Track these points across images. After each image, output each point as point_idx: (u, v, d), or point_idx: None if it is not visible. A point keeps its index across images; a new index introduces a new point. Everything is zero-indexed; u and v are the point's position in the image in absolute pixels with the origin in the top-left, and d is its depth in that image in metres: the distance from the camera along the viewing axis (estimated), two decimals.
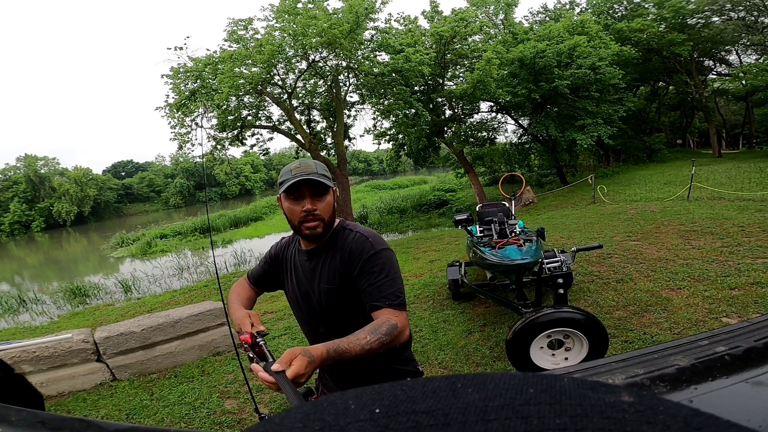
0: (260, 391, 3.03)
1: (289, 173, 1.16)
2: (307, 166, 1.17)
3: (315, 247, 1.26)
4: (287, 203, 1.19)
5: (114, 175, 59.22)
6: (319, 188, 1.17)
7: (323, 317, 1.26)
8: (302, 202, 1.16)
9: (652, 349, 0.54)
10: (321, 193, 1.18)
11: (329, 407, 0.19)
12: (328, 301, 1.23)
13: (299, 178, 1.13)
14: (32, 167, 46.62)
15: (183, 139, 11.74)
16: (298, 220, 1.18)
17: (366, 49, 11.92)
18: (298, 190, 1.16)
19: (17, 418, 0.37)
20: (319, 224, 1.18)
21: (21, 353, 3.07)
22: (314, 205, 1.16)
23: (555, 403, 0.17)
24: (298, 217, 1.18)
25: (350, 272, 1.19)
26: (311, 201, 1.16)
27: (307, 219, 1.17)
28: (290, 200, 1.18)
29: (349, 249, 1.20)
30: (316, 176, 1.14)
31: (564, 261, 3.76)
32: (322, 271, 1.23)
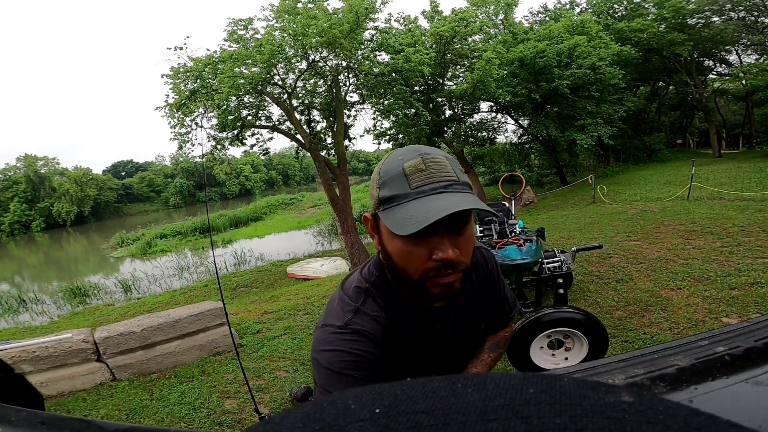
0: (260, 391, 3.03)
1: (405, 182, 0.65)
2: (441, 168, 0.65)
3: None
4: (399, 242, 0.66)
5: (114, 175, 59.27)
6: (464, 217, 0.66)
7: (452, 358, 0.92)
8: (432, 242, 0.65)
9: (652, 349, 0.54)
10: (464, 223, 0.67)
11: (329, 407, 0.18)
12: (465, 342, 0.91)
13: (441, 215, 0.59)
14: (32, 167, 46.64)
15: (183, 139, 11.74)
16: (421, 274, 0.67)
17: (366, 49, 11.92)
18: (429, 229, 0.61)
19: (17, 418, 0.37)
20: (459, 278, 0.68)
21: (21, 353, 3.07)
22: (456, 246, 0.65)
23: (555, 403, 0.17)
24: (422, 268, 0.67)
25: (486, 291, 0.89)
26: (451, 241, 0.65)
27: (441, 273, 0.66)
28: (406, 239, 0.65)
29: (482, 267, 0.88)
30: (461, 192, 0.64)
31: (564, 261, 3.76)
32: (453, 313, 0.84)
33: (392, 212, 0.64)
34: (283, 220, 23.43)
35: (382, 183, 0.67)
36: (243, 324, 4.43)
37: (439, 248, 0.64)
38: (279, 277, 9.10)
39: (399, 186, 0.64)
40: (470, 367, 0.94)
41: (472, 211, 0.65)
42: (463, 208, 0.60)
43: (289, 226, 20.67)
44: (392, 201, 0.65)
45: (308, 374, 3.17)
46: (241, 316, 4.82)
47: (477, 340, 0.94)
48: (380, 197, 0.67)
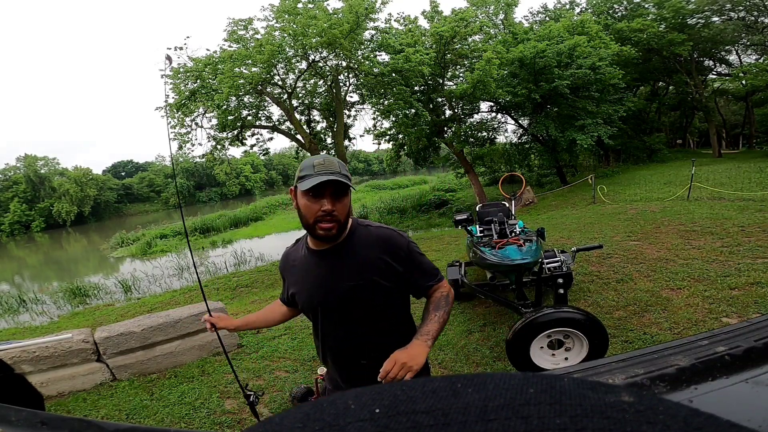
0: (260, 392, 3.03)
1: (311, 168, 1.11)
2: (331, 164, 1.12)
3: (331, 247, 1.21)
4: (304, 200, 1.13)
5: (114, 175, 59.26)
6: (341, 189, 1.13)
7: (342, 317, 1.23)
8: (321, 201, 1.11)
9: (652, 349, 0.54)
10: (341, 194, 1.14)
11: (329, 407, 0.18)
12: (358, 296, 1.20)
13: (324, 179, 1.08)
14: (32, 167, 46.66)
15: (183, 139, 11.74)
16: (314, 219, 1.13)
17: (366, 49, 11.92)
18: (320, 188, 1.11)
19: (17, 418, 0.37)
20: (335, 226, 1.14)
21: (21, 353, 3.07)
22: (333, 205, 1.12)
23: (555, 403, 0.17)
24: (314, 215, 1.13)
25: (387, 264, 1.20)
26: (331, 201, 1.12)
27: (324, 219, 1.12)
28: (308, 197, 1.12)
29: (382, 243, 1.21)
30: (339, 176, 1.10)
31: (564, 261, 3.76)
32: (346, 268, 1.20)
33: (303, 181, 1.12)
34: (283, 220, 23.43)
35: (301, 169, 1.15)
36: None
37: (324, 204, 1.12)
38: (279, 277, 9.10)
39: (309, 170, 1.12)
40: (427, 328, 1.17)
41: (349, 188, 1.14)
42: (333, 179, 1.09)
43: (289, 226, 20.65)
44: (304, 178, 1.12)
45: (308, 374, 3.17)
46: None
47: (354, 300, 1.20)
48: (299, 176, 1.14)
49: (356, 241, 1.21)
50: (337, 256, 1.21)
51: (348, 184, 1.12)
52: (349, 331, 1.23)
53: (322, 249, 1.22)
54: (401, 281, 1.24)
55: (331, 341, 1.27)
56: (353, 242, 1.21)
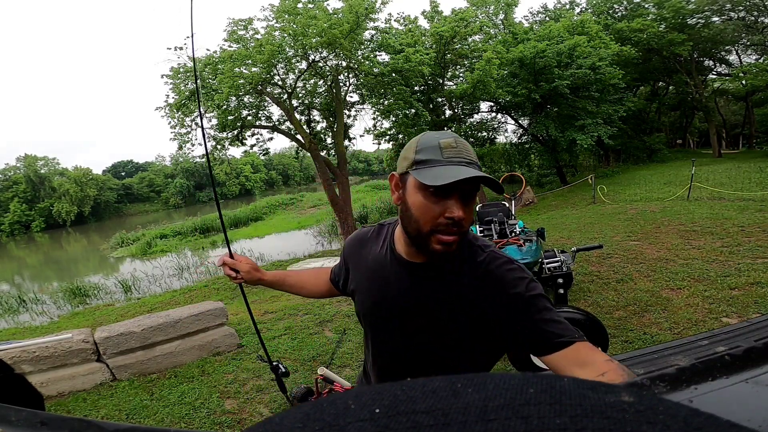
0: (260, 392, 3.03)
1: (437, 151, 0.79)
2: (465, 148, 0.81)
3: (429, 263, 0.88)
4: (421, 196, 0.79)
5: (114, 175, 59.27)
6: (474, 190, 0.81)
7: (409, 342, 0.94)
8: (447, 203, 0.78)
9: (652, 349, 0.54)
10: (473, 196, 0.82)
11: (329, 407, 0.18)
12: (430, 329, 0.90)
13: (465, 175, 0.74)
14: (32, 167, 46.66)
15: (183, 139, 11.75)
16: (431, 227, 0.79)
17: (366, 49, 11.92)
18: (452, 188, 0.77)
19: (17, 418, 0.37)
20: (457, 240, 0.81)
21: (21, 353, 3.07)
22: (464, 213, 0.79)
23: (555, 403, 0.17)
24: (433, 221, 0.79)
25: (494, 308, 0.83)
26: (461, 205, 0.78)
27: (447, 230, 0.79)
28: (429, 194, 0.78)
29: (501, 285, 0.84)
30: (478, 169, 0.79)
31: (564, 261, 3.76)
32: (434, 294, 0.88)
33: (424, 171, 0.78)
34: (283, 220, 23.44)
35: (419, 150, 0.81)
36: (243, 324, 4.43)
37: (452, 208, 0.78)
38: None
39: (433, 153, 0.79)
40: None
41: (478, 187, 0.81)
42: (481, 175, 0.76)
43: (289, 226, 20.66)
44: (426, 163, 0.79)
45: (308, 374, 3.17)
46: (242, 316, 4.82)
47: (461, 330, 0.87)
48: (416, 159, 0.80)
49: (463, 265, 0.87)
50: (432, 276, 0.89)
51: (488, 179, 0.78)
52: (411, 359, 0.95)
53: (417, 262, 0.90)
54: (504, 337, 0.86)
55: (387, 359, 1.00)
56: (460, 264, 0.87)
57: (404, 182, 0.84)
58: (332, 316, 4.34)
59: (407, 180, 0.83)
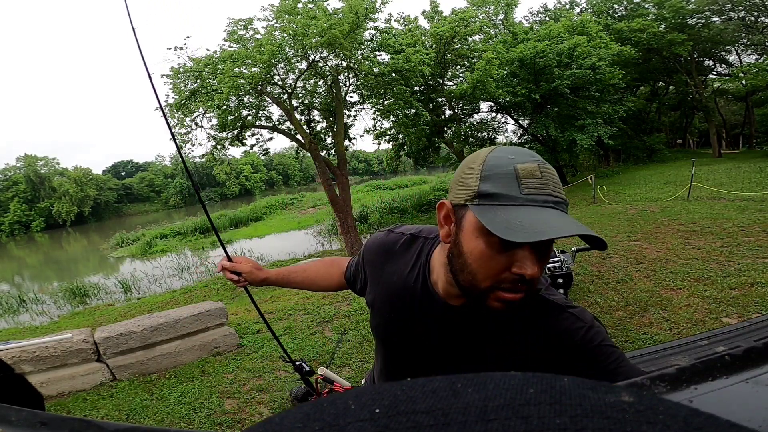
0: (260, 392, 3.03)
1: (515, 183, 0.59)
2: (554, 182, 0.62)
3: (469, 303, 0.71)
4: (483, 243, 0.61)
5: (114, 175, 59.28)
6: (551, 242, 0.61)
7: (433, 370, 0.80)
8: (517, 255, 0.60)
9: (652, 349, 0.54)
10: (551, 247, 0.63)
11: (329, 407, 0.18)
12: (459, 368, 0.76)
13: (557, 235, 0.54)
14: (32, 167, 46.67)
15: (183, 139, 11.75)
16: (492, 282, 0.62)
17: (366, 49, 11.92)
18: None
19: (17, 418, 0.37)
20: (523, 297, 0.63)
21: (21, 353, 3.07)
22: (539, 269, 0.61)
23: (555, 403, 0.17)
24: (496, 277, 0.62)
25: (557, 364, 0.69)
26: (537, 261, 0.61)
27: (513, 287, 0.62)
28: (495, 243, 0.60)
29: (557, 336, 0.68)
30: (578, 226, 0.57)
31: (564, 261, 3.75)
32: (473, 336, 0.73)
33: (493, 211, 0.58)
34: (283, 220, 23.44)
35: (485, 176, 0.60)
36: (243, 324, 4.43)
37: (524, 263, 0.60)
38: None
39: (507, 186, 0.59)
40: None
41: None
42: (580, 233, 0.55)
43: (289, 226, 20.66)
44: (495, 199, 0.59)
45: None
46: (242, 316, 4.82)
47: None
48: (480, 190, 0.60)
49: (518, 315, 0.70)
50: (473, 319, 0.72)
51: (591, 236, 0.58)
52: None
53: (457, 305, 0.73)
54: None
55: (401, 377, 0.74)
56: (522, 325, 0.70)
57: (460, 217, 0.64)
58: (332, 316, 4.34)
59: (464, 216, 0.63)
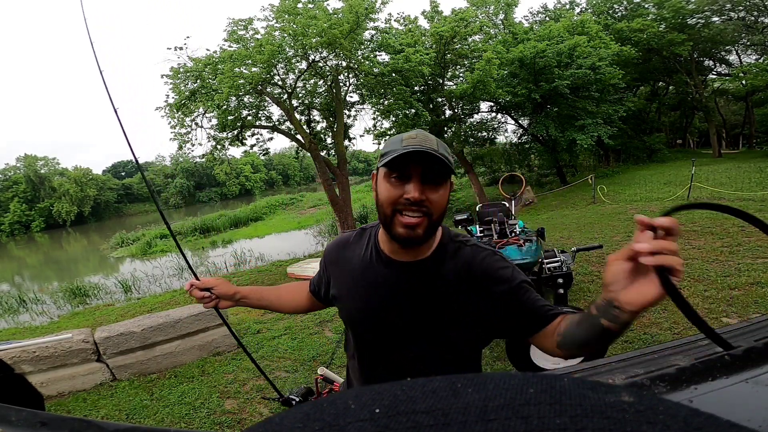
0: (260, 392, 3.03)
1: (399, 143, 0.83)
2: (426, 138, 0.84)
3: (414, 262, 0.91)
4: (386, 182, 0.84)
5: (114, 175, 59.28)
6: (436, 172, 0.83)
7: (402, 344, 0.94)
8: (407, 187, 0.82)
9: (652, 349, 0.54)
10: (437, 180, 0.83)
11: (329, 407, 0.19)
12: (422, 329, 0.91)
13: (412, 149, 0.79)
14: (32, 167, 46.66)
15: (183, 139, 11.75)
16: (392, 208, 0.83)
17: (366, 49, 11.93)
18: (406, 168, 0.82)
19: (17, 418, 0.37)
20: (423, 221, 0.82)
21: (21, 353, 3.07)
22: (423, 193, 0.81)
23: (555, 403, 0.17)
24: (394, 203, 0.83)
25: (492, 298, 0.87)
26: (420, 187, 0.81)
27: (407, 208, 0.82)
28: (391, 179, 0.83)
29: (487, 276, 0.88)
30: (436, 153, 0.80)
31: (564, 261, 3.75)
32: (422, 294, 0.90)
33: (384, 158, 0.84)
34: (283, 220, 23.44)
35: (385, 146, 0.89)
36: (243, 324, 4.43)
37: (410, 190, 0.82)
38: (279, 277, 9.09)
39: (395, 145, 0.84)
40: None
41: (447, 172, 0.84)
42: (420, 148, 0.80)
43: (289, 226, 20.66)
44: (387, 154, 0.84)
45: (308, 374, 3.17)
46: (242, 316, 4.82)
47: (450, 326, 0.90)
48: (381, 153, 0.88)
49: (447, 262, 0.90)
50: (418, 276, 0.90)
51: (448, 167, 0.82)
52: (406, 361, 0.94)
53: (403, 261, 0.92)
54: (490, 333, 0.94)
55: (381, 369, 0.98)
56: (444, 262, 0.90)
57: (376, 177, 0.90)
58: (332, 316, 4.34)
59: (378, 174, 0.89)
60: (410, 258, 0.91)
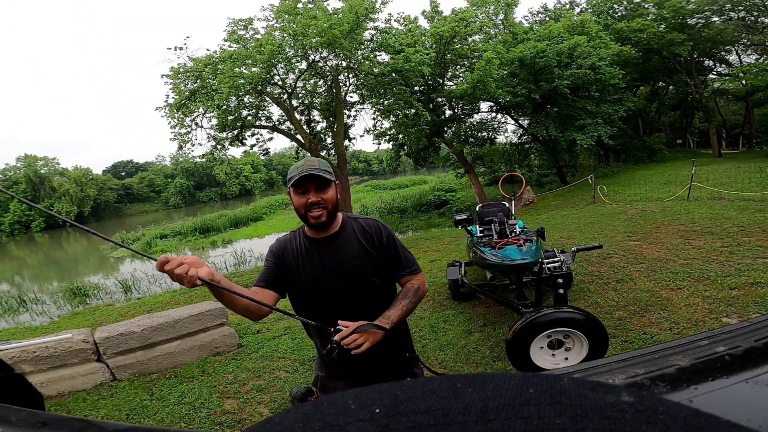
0: (260, 392, 3.03)
1: (296, 170, 1.33)
2: (311, 163, 1.35)
3: (327, 236, 1.43)
4: (295, 196, 1.37)
5: (114, 175, 59.21)
6: (322, 182, 1.35)
7: (349, 292, 1.41)
8: (307, 195, 1.34)
9: (652, 349, 0.54)
10: (323, 186, 1.35)
11: (329, 407, 0.19)
12: (355, 275, 1.40)
13: (304, 174, 1.31)
14: (32, 167, 46.64)
15: (183, 139, 11.75)
16: (304, 210, 1.36)
17: (366, 49, 11.92)
18: (304, 185, 1.34)
19: (17, 418, 0.37)
20: (323, 213, 1.35)
21: (21, 353, 3.07)
22: (317, 196, 1.34)
23: (555, 403, 0.17)
24: (303, 206, 1.35)
25: (374, 248, 1.43)
26: (315, 193, 1.34)
27: (311, 208, 1.34)
28: (298, 194, 1.35)
29: (369, 231, 1.44)
30: (318, 171, 1.32)
31: (564, 261, 3.76)
32: (342, 253, 1.41)
33: (290, 181, 1.35)
34: (283, 220, 23.43)
35: (289, 172, 1.38)
36: (243, 324, 4.43)
37: (309, 196, 1.35)
38: None
39: (293, 172, 1.35)
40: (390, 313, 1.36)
41: (329, 181, 1.37)
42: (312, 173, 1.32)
43: (289, 226, 20.65)
44: (292, 178, 1.35)
45: (308, 374, 3.18)
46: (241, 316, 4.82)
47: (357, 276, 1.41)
48: (288, 179, 1.37)
49: (348, 231, 1.45)
50: (333, 243, 1.43)
51: (327, 177, 1.34)
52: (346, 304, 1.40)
53: (320, 237, 1.43)
54: (381, 266, 1.45)
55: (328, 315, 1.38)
56: (346, 232, 1.45)
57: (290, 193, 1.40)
58: None
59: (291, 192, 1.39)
60: (325, 234, 1.44)
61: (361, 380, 1.44)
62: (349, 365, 1.37)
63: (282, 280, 1.46)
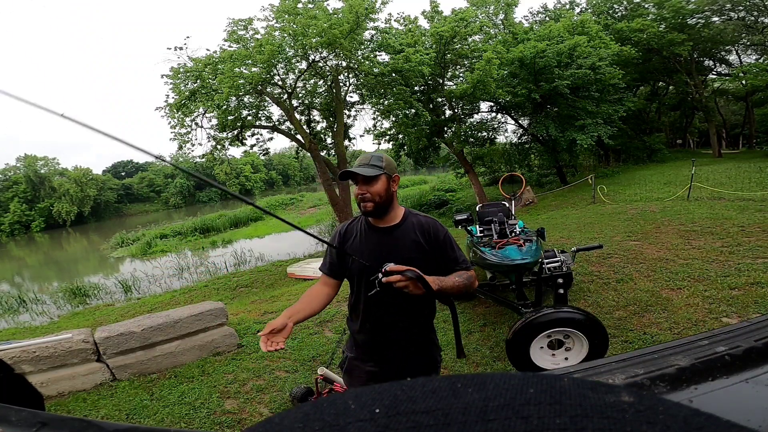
0: (260, 392, 3.03)
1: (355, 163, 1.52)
2: (361, 159, 1.52)
3: (387, 227, 1.55)
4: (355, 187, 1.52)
5: (114, 175, 59.20)
6: (367, 176, 1.46)
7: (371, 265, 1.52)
8: (359, 188, 1.49)
9: (652, 349, 0.54)
10: (369, 180, 1.47)
11: (329, 407, 0.19)
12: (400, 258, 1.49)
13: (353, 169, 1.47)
14: (32, 167, 46.62)
15: (183, 139, 11.75)
16: (359, 199, 1.50)
17: (366, 49, 11.92)
18: (354, 179, 1.49)
19: (17, 418, 0.37)
20: (369, 204, 1.48)
21: (21, 353, 3.07)
22: (363, 189, 1.47)
23: (555, 403, 0.17)
24: (357, 195, 1.50)
25: (429, 244, 1.53)
26: (362, 186, 1.48)
27: (361, 200, 1.49)
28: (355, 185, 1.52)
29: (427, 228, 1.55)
30: (362, 168, 1.46)
31: (564, 261, 3.75)
32: (397, 244, 1.52)
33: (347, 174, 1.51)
34: None
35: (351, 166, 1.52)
36: (243, 324, 4.43)
37: (359, 189, 1.48)
38: (279, 277, 9.10)
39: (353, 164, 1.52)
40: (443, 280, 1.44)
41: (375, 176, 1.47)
42: (354, 171, 1.46)
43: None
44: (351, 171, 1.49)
45: (308, 374, 3.17)
46: (242, 316, 4.82)
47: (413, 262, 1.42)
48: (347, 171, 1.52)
49: (407, 225, 1.56)
50: (392, 235, 1.55)
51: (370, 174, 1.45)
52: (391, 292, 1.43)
53: (381, 227, 1.56)
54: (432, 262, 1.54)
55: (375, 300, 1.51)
56: (405, 225, 1.56)
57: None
58: (332, 316, 4.34)
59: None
60: (385, 225, 1.56)
61: (387, 363, 1.61)
62: (379, 343, 1.59)
63: (342, 266, 1.62)
